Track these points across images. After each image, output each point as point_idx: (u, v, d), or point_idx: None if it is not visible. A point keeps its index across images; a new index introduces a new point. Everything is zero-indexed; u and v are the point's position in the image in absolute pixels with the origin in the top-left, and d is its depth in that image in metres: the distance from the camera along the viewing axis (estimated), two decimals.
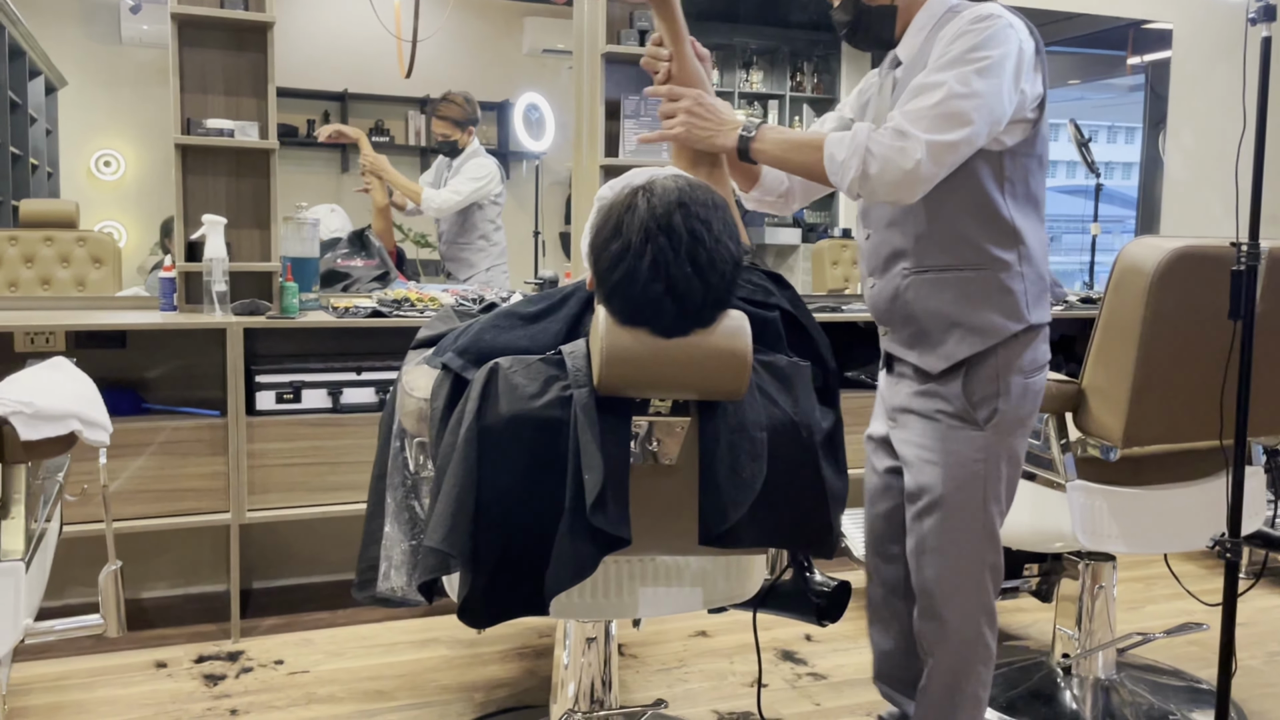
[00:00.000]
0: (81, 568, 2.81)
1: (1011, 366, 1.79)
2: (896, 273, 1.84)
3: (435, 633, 2.91)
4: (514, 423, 1.43)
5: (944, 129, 1.59)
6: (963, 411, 1.80)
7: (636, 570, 1.68)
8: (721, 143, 1.77)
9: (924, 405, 1.84)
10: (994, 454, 1.81)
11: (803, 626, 2.93)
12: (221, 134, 2.92)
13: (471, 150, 4.16)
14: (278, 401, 2.81)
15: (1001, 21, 1.65)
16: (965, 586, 1.84)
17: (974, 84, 1.60)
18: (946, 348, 1.79)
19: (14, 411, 1.51)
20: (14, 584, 1.57)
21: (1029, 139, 1.75)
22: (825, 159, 1.66)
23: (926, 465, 1.84)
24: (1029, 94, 1.69)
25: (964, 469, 1.81)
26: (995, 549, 1.86)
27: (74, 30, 4.66)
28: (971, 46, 1.63)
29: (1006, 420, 1.80)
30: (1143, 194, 4.75)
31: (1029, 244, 1.79)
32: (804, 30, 6.28)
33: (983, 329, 1.77)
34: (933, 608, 1.87)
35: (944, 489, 1.82)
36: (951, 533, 1.83)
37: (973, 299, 1.77)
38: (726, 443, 1.47)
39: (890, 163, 1.60)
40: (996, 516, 1.85)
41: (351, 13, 4.26)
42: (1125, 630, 2.62)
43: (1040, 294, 1.82)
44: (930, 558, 1.86)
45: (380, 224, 4.16)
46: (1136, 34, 4.54)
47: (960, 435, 1.80)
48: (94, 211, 4.55)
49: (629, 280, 1.40)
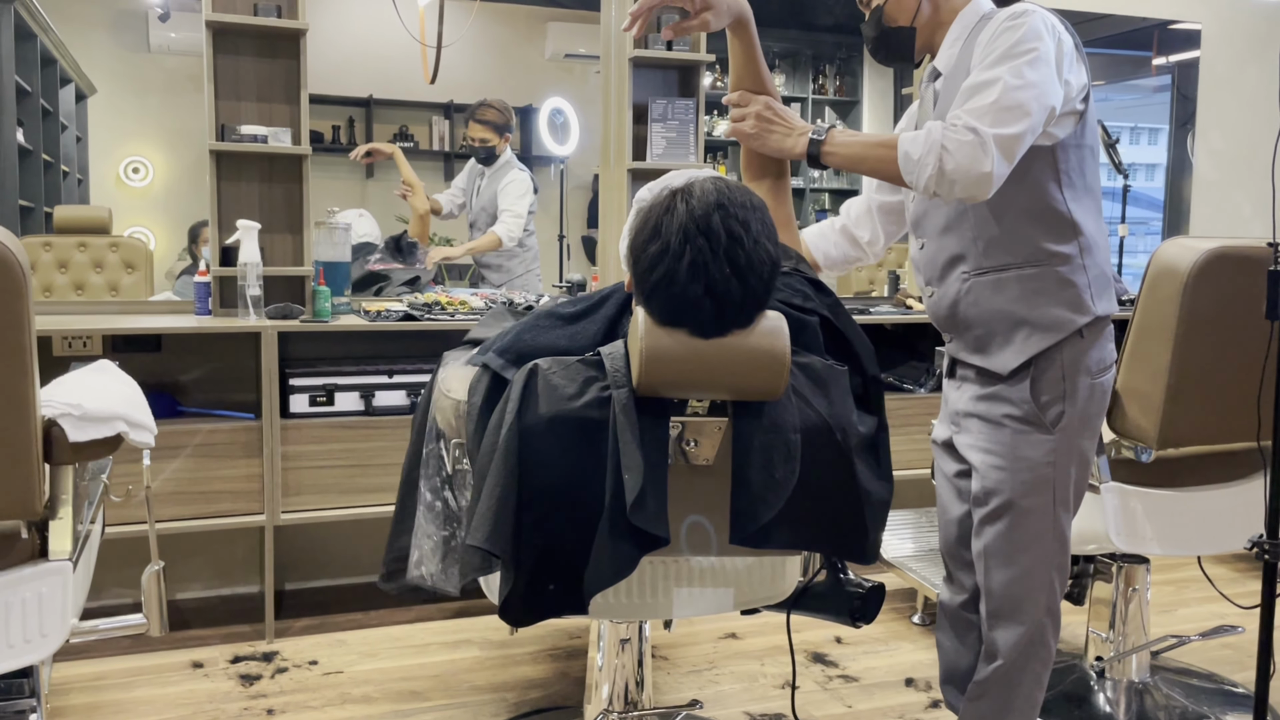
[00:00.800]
0: (118, 568, 2.84)
1: (1079, 366, 1.77)
2: (955, 278, 1.83)
3: (467, 633, 2.93)
4: (554, 423, 1.44)
5: (1007, 122, 1.58)
6: (1030, 415, 1.78)
7: (672, 570, 1.69)
8: (791, 145, 1.77)
9: (989, 409, 1.83)
10: (1063, 457, 1.79)
11: (832, 628, 2.93)
12: (255, 140, 2.95)
13: (506, 159, 4.19)
14: (311, 404, 2.84)
15: (1037, 15, 1.66)
16: (1034, 590, 1.83)
17: (1027, 75, 1.60)
18: (1014, 347, 1.78)
19: (63, 414, 1.53)
20: (62, 583, 1.59)
21: (1078, 130, 1.74)
22: (900, 157, 1.64)
23: (993, 470, 1.82)
24: (1074, 84, 1.69)
25: (1033, 473, 1.79)
26: (1064, 551, 1.84)
27: (104, 39, 4.73)
28: (1016, 41, 1.63)
29: (1074, 422, 1.78)
30: (1170, 195, 4.73)
31: (1088, 235, 1.77)
32: (827, 33, 6.27)
33: (1049, 324, 1.75)
34: (1002, 611, 1.85)
35: (1013, 494, 1.80)
36: (1021, 538, 1.81)
37: (1036, 295, 1.76)
38: (760, 443, 1.48)
39: (965, 158, 1.58)
40: (1065, 519, 1.83)
41: (377, 20, 4.30)
42: (1159, 633, 2.61)
43: (1104, 285, 1.80)
44: (999, 561, 1.84)
45: (418, 229, 4.20)
46: (1163, 34, 4.52)
47: (1029, 439, 1.79)
48: (123, 217, 4.61)
49: (668, 281, 1.41)
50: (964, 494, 1.97)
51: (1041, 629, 1.84)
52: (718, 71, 5.42)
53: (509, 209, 4.04)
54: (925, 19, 1.85)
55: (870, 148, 1.71)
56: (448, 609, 3.10)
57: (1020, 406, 1.79)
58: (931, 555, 3.12)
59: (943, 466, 2.02)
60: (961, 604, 2.02)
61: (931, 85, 1.86)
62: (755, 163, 1.88)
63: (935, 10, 1.84)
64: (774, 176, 1.87)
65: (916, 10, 1.84)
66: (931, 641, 2.94)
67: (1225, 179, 4.48)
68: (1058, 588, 1.85)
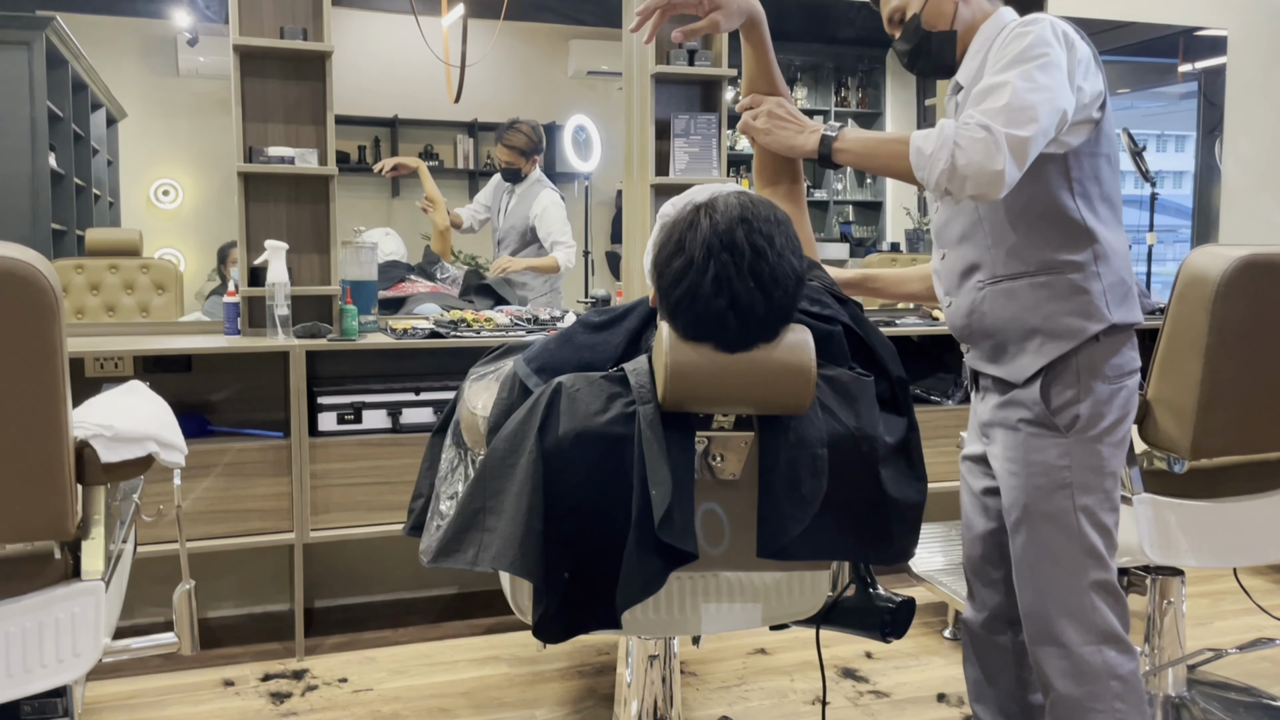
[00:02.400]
0: (149, 587, 2.86)
1: (1094, 371, 1.74)
2: (971, 286, 1.83)
3: (496, 650, 2.93)
4: (579, 440, 1.44)
5: (1019, 124, 1.56)
6: (1042, 417, 1.76)
7: (700, 586, 1.68)
8: (802, 143, 1.75)
9: (1006, 416, 1.81)
10: (1081, 462, 1.74)
11: (862, 643, 2.90)
12: (282, 161, 2.98)
13: (535, 178, 4.22)
14: (339, 422, 2.86)
15: (1045, 23, 1.65)
16: (1072, 608, 1.75)
17: (1037, 79, 1.58)
18: (1028, 355, 1.76)
19: (95, 435, 1.55)
20: (95, 603, 1.61)
21: (1093, 138, 1.73)
22: (912, 153, 1.61)
23: (1011, 477, 1.80)
24: (1088, 91, 1.67)
25: (1048, 478, 1.75)
26: (1101, 566, 1.76)
27: (133, 64, 4.79)
28: (1027, 45, 1.62)
29: (1091, 426, 1.75)
30: (1198, 202, 4.68)
31: (1104, 244, 1.75)
32: (849, 46, 6.27)
33: (1061, 332, 1.74)
34: (1040, 633, 1.78)
35: (1029, 500, 1.77)
36: (1043, 548, 1.76)
37: (1048, 303, 1.74)
38: (786, 458, 1.47)
39: (978, 155, 1.56)
40: (1094, 531, 1.76)
41: (401, 41, 4.33)
42: (1195, 646, 2.57)
43: (1123, 293, 1.77)
44: (1027, 576, 1.79)
45: (439, 244, 4.22)
46: (1188, 41, 4.49)
47: (1042, 443, 1.76)
48: (153, 239, 4.67)
49: (692, 296, 1.41)
50: (989, 511, 1.96)
51: (1096, 653, 1.74)
52: (740, 84, 5.43)
53: (562, 241, 4.09)
54: (963, 23, 1.83)
55: (882, 144, 1.69)
56: (477, 626, 3.10)
57: (1032, 409, 1.77)
58: (961, 569, 3.09)
59: (970, 482, 2.01)
60: (984, 622, 1.99)
61: (954, 98, 1.85)
62: (769, 167, 1.88)
63: (971, 15, 1.83)
64: (789, 181, 1.87)
65: (954, 13, 1.82)
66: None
67: (1254, 185, 4.43)
68: (1104, 605, 1.75)
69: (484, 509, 1.47)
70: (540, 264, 4.08)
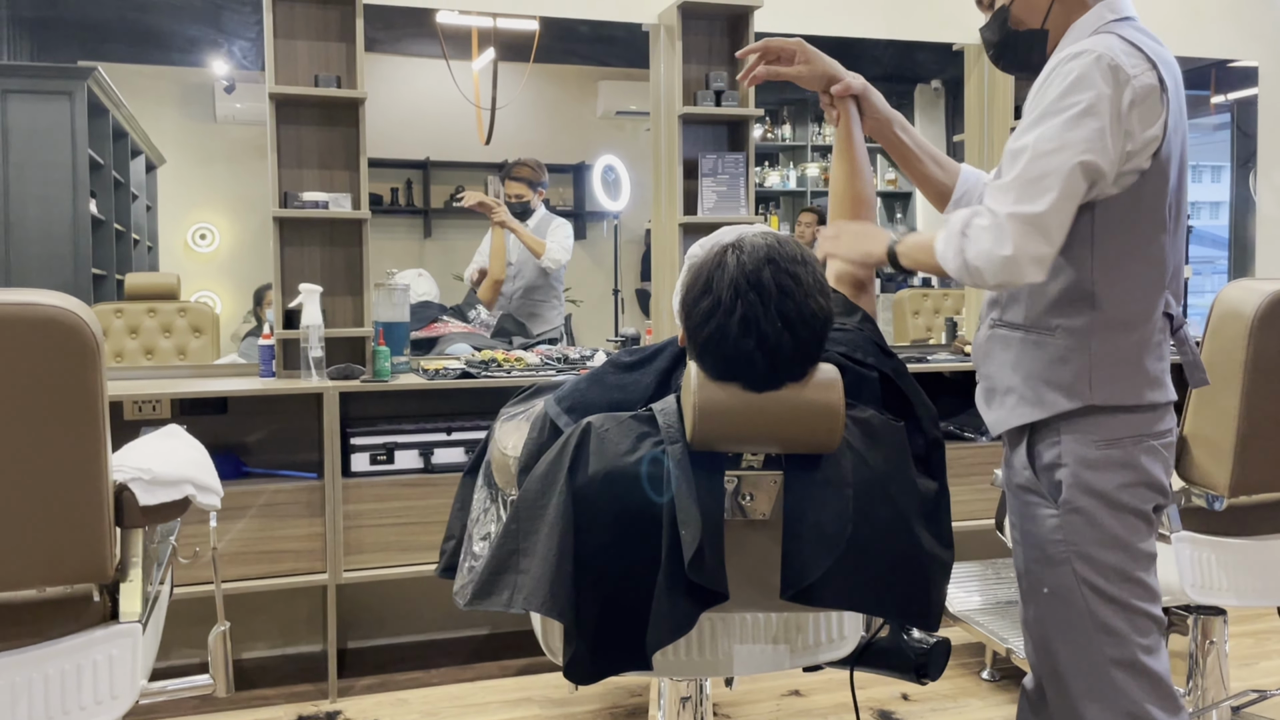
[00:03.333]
0: (185, 628, 2.88)
1: (1080, 438, 1.59)
2: (987, 322, 1.74)
3: (528, 691, 2.92)
4: (608, 479, 1.45)
5: (1031, 198, 1.47)
6: (1031, 483, 1.65)
7: (732, 627, 1.67)
8: (874, 250, 1.72)
9: (1007, 476, 1.72)
10: (1079, 535, 1.59)
11: (898, 685, 2.86)
12: (316, 206, 3.03)
13: (542, 214, 4.26)
14: (372, 463, 2.88)
15: (1094, 55, 1.48)
16: (1090, 688, 1.60)
17: (1063, 136, 1.47)
18: (1005, 410, 1.67)
19: (133, 478, 1.58)
20: (132, 645, 1.62)
21: (1135, 187, 1.55)
22: (937, 254, 1.56)
23: (1015, 545, 1.70)
24: (1140, 136, 1.51)
25: (1044, 550, 1.63)
26: (1119, 643, 1.59)
27: (172, 111, 4.90)
28: (1059, 93, 1.49)
29: (1083, 495, 1.59)
30: (1234, 234, 4.64)
31: (1110, 312, 1.57)
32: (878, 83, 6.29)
33: (1034, 400, 1.61)
34: (1062, 712, 1.65)
35: (1031, 572, 1.66)
36: (1051, 625, 1.64)
37: (1029, 365, 1.62)
38: (812, 498, 1.47)
39: (986, 244, 1.49)
40: (1106, 607, 1.59)
41: (433, 85, 4.40)
42: (1239, 688, 2.52)
43: (1119, 373, 1.58)
44: (1041, 653, 1.67)
45: (490, 294, 4.26)
46: (1220, 73, 4.47)
47: (1036, 511, 1.64)
48: (191, 282, 4.75)
49: (720, 336, 1.41)
50: None
51: None
52: (768, 124, 5.45)
53: (559, 242, 4.12)
54: (1057, 21, 1.64)
55: (921, 249, 1.64)
56: (509, 668, 3.09)
57: (1022, 473, 1.67)
58: (999, 609, 3.05)
59: None
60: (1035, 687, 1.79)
61: None
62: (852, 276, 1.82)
63: (1067, 11, 1.63)
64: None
65: (1048, 10, 1.64)
66: (1001, 698, 2.86)
67: None
68: (1130, 686, 1.58)
69: (518, 550, 1.47)
70: (530, 241, 4.11)
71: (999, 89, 3.83)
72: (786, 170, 5.48)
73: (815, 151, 5.41)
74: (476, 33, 4.05)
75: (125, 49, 4.57)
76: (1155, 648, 1.61)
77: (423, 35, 4.11)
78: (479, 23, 3.88)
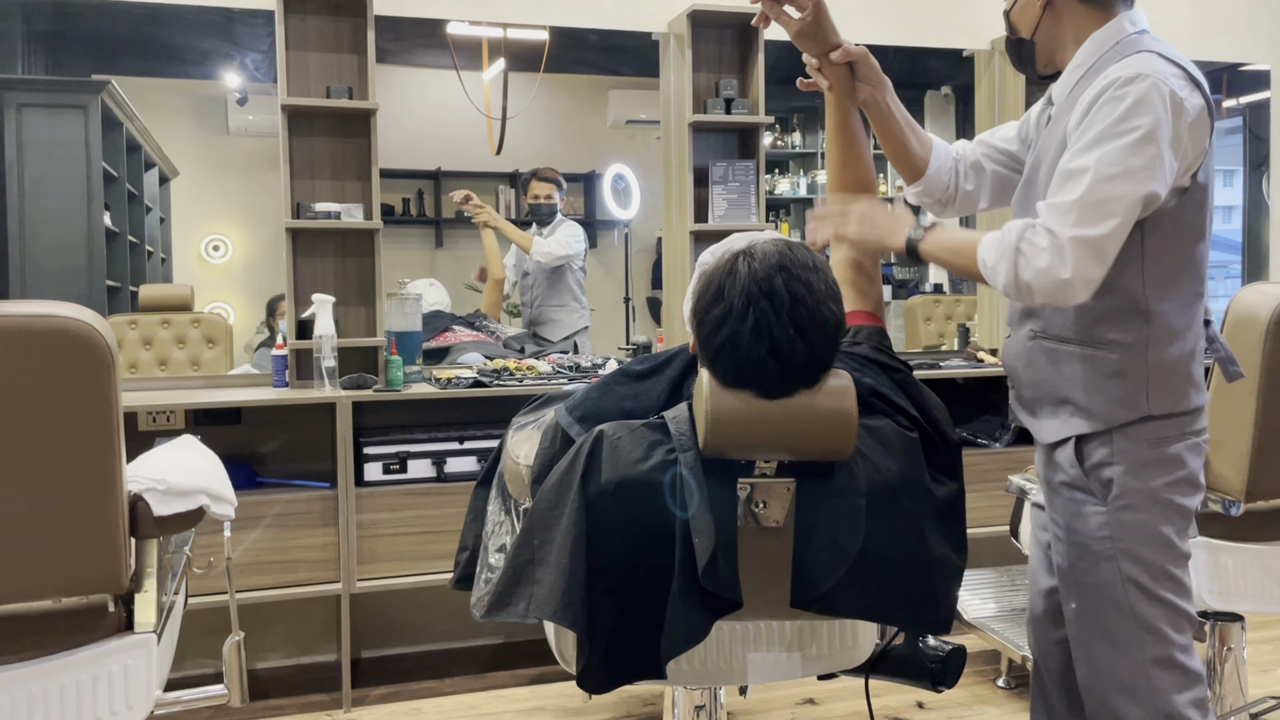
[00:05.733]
0: (199, 638, 2.89)
1: (1132, 439, 1.61)
2: (1025, 333, 1.73)
3: (541, 700, 2.92)
4: (620, 488, 1.44)
5: (1093, 221, 1.46)
6: (1078, 481, 1.64)
7: (746, 635, 1.66)
8: (892, 243, 1.69)
9: (1049, 474, 1.71)
10: (1126, 532, 1.60)
11: (915, 693, 2.85)
12: (329, 216, 3.05)
13: (559, 221, 4.28)
14: (385, 472, 2.88)
15: (1150, 81, 1.48)
16: (1128, 686, 1.61)
17: (1126, 161, 1.46)
18: (1057, 421, 1.67)
19: (148, 488, 1.58)
20: (147, 655, 1.63)
21: (1180, 203, 1.57)
22: (979, 263, 1.56)
23: (1058, 543, 1.70)
24: (1190, 156, 1.53)
25: (1090, 548, 1.63)
26: (1161, 641, 1.60)
27: (185, 124, 4.93)
28: (1119, 116, 1.47)
29: (1133, 492, 1.60)
30: (1247, 238, 4.61)
31: (1163, 325, 1.59)
32: None
33: (1092, 412, 1.62)
34: (1098, 711, 1.66)
35: (1074, 570, 1.66)
36: (1093, 622, 1.64)
37: (1084, 380, 1.62)
38: (825, 506, 1.46)
39: (1042, 264, 1.48)
40: (1149, 605, 1.60)
41: (444, 95, 4.42)
42: (1258, 694, 2.50)
43: (1172, 381, 1.61)
44: (1081, 651, 1.67)
45: (493, 298, 4.27)
46: (1231, 76, 4.45)
47: (1082, 509, 1.64)
48: (204, 293, 4.76)
49: (732, 344, 1.41)
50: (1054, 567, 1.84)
51: None
52: (778, 131, 5.46)
53: (556, 239, 4.12)
54: (1045, 34, 1.68)
55: (957, 252, 1.62)
56: (522, 677, 3.09)
57: (1068, 471, 1.65)
58: (1015, 615, 3.03)
59: (1038, 534, 1.89)
60: (1048, 684, 1.87)
61: (1047, 110, 1.72)
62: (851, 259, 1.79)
63: (1058, 25, 1.66)
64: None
65: (1037, 23, 1.68)
66: (1017, 706, 2.84)
67: None
68: (1169, 686, 1.60)
69: (532, 560, 1.47)
70: (518, 235, 4.11)
71: (1009, 95, 3.82)
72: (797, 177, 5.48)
73: (825, 158, 5.41)
74: (487, 43, 4.06)
75: (138, 62, 4.59)
76: (1190, 647, 1.63)
77: (433, 46, 4.12)
78: (489, 33, 3.89)
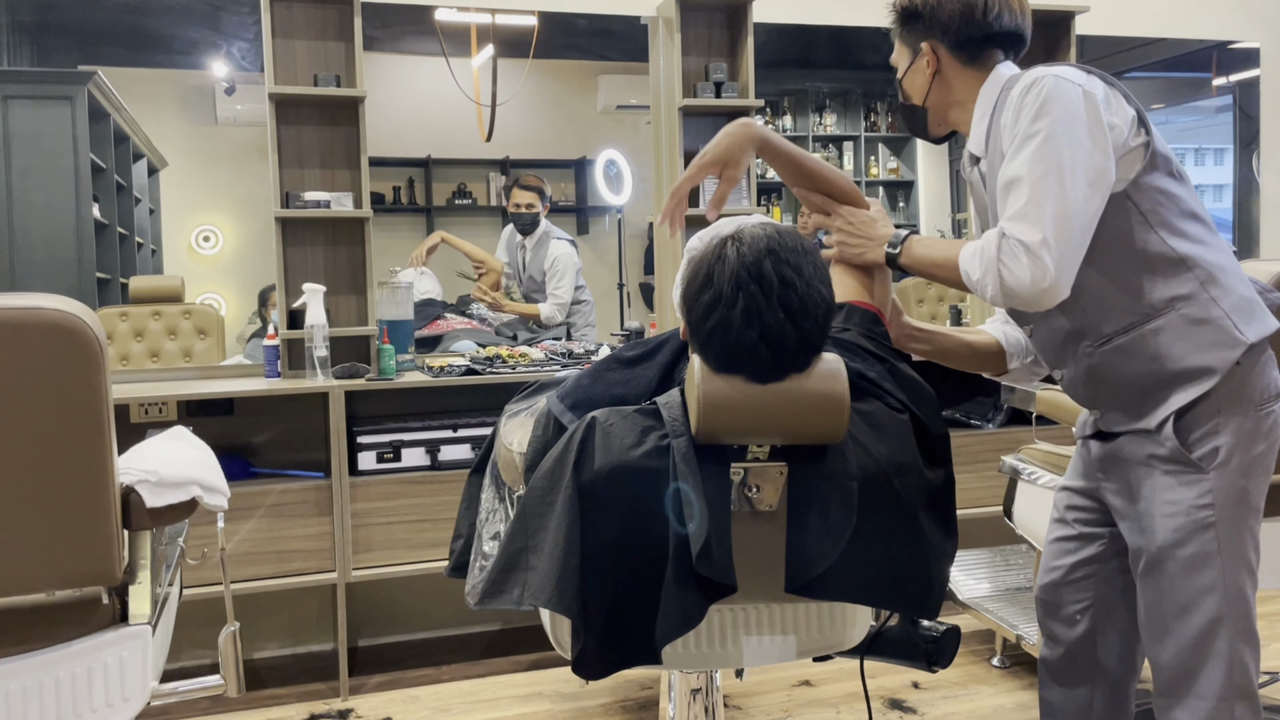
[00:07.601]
0: (195, 629, 2.89)
1: (1238, 399, 1.59)
2: (1081, 353, 1.68)
3: (539, 687, 2.92)
4: (614, 474, 1.44)
5: (1055, 224, 1.50)
6: (1176, 454, 1.60)
7: (741, 619, 1.67)
8: (872, 258, 1.72)
9: (1134, 449, 1.66)
10: (1225, 500, 1.58)
11: (909, 673, 2.86)
12: (319, 205, 3.03)
13: (544, 229, 4.25)
14: (378, 461, 2.88)
15: (1048, 77, 1.55)
16: (1211, 661, 1.59)
17: (1052, 157, 1.51)
18: (1170, 404, 1.61)
19: (140, 480, 1.58)
20: (142, 647, 1.63)
21: (1147, 163, 1.61)
22: (962, 275, 1.60)
23: (1142, 518, 1.64)
24: (1120, 125, 1.57)
25: (1188, 518, 1.59)
26: (1247, 618, 1.59)
27: (173, 114, 4.90)
28: (1031, 118, 1.54)
29: (1235, 460, 1.58)
30: (1238, 216, 4.62)
31: (1205, 265, 1.60)
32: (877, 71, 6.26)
33: (1200, 372, 1.59)
34: (1173, 688, 1.62)
35: (1165, 544, 1.61)
36: (1182, 597, 1.60)
37: (1172, 346, 1.60)
38: (817, 490, 1.46)
39: (1024, 272, 1.51)
40: (1243, 575, 1.60)
41: (433, 82, 4.40)
42: None
43: (1248, 309, 1.60)
44: (1161, 629, 1.63)
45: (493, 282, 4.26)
46: (1221, 55, 4.45)
47: (1178, 480, 1.60)
48: (195, 284, 4.75)
49: (722, 329, 1.41)
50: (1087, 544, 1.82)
51: (1229, 711, 1.59)
52: (768, 115, 5.45)
53: (555, 294, 4.12)
54: (936, 100, 1.76)
55: (938, 264, 1.66)
56: (520, 663, 3.10)
57: (1164, 444, 1.61)
58: (1009, 595, 3.04)
59: (1066, 514, 1.86)
60: (1061, 657, 1.83)
61: (975, 169, 1.76)
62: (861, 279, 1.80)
63: (947, 91, 1.74)
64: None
65: (927, 91, 1.76)
66: (1012, 685, 2.86)
67: None
68: (1245, 659, 1.59)
69: (526, 547, 1.47)
70: (524, 310, 4.12)
71: None
72: None
73: (816, 141, 5.39)
74: (475, 29, 4.04)
75: (124, 53, 4.56)
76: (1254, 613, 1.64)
77: (421, 33, 4.10)
78: (477, 19, 3.87)
